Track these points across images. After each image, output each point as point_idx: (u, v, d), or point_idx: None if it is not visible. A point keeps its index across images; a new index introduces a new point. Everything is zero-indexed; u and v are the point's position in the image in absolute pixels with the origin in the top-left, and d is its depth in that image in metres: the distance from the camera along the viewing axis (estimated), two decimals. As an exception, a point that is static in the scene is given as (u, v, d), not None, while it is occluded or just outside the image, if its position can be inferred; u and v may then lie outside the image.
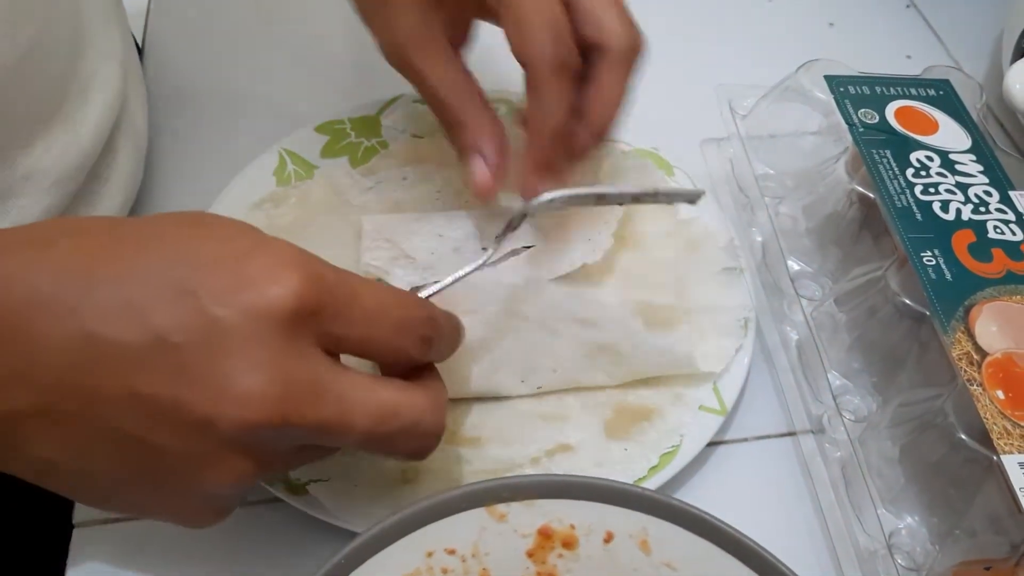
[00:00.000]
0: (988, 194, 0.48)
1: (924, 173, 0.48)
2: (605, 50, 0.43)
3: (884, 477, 0.42)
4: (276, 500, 0.42)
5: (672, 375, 0.47)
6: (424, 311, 0.36)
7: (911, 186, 0.48)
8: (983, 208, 0.47)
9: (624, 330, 0.46)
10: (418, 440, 0.36)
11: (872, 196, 0.48)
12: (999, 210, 0.47)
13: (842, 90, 0.52)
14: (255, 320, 0.31)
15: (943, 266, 0.44)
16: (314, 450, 0.36)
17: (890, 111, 0.51)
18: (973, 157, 0.50)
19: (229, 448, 0.32)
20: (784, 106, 0.54)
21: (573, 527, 0.38)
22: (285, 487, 0.42)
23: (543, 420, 0.45)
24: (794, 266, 0.50)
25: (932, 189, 0.48)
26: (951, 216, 0.47)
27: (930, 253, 0.45)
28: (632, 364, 0.46)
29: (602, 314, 0.47)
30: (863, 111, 0.51)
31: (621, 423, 0.45)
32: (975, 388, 0.40)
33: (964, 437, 0.39)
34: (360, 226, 0.50)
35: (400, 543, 0.36)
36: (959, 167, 0.49)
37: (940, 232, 0.46)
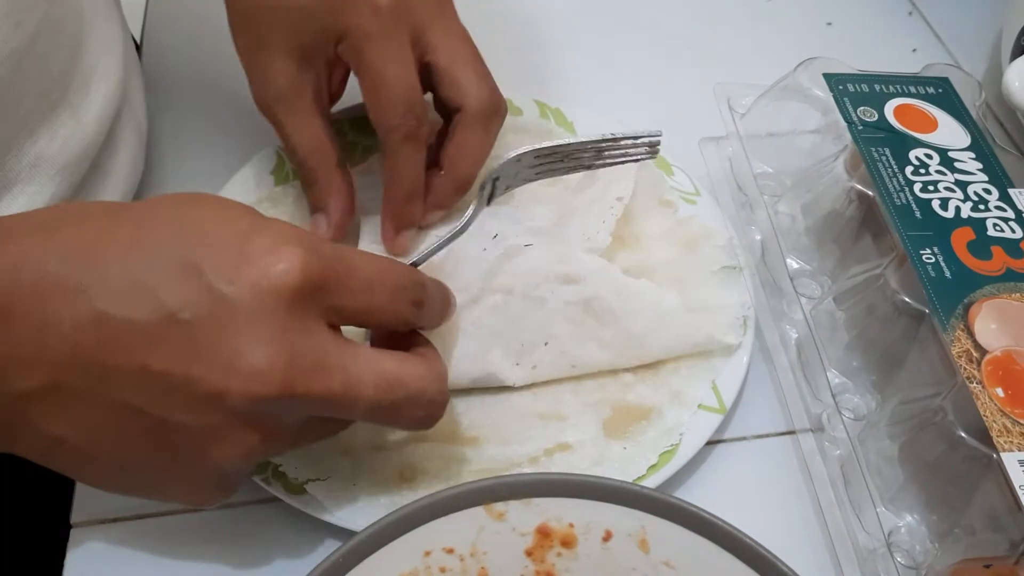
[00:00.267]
0: (987, 192, 0.48)
1: (923, 171, 0.48)
2: (463, 111, 0.46)
3: (883, 475, 0.42)
4: (274, 499, 0.42)
5: (664, 344, 0.47)
6: (413, 276, 0.38)
7: (910, 184, 0.48)
8: (982, 206, 0.47)
9: (607, 281, 0.47)
10: (424, 408, 0.37)
11: (871, 194, 0.47)
12: (998, 208, 0.47)
13: (841, 88, 0.52)
14: (261, 296, 0.32)
15: (942, 264, 0.44)
16: (320, 426, 0.38)
17: (889, 109, 0.51)
18: (972, 155, 0.49)
19: (238, 422, 0.33)
20: (783, 104, 0.54)
21: (572, 526, 0.38)
22: (283, 486, 0.42)
23: (541, 419, 0.45)
24: (793, 264, 0.50)
25: (931, 187, 0.48)
26: (950, 214, 0.46)
27: (929, 251, 0.45)
28: (620, 323, 0.46)
29: (582, 267, 0.47)
30: (862, 109, 0.51)
31: (620, 422, 0.45)
32: (974, 386, 0.40)
33: (964, 435, 0.39)
34: (359, 225, 0.50)
35: (398, 542, 0.36)
36: (958, 165, 0.49)
37: (939, 230, 0.46)
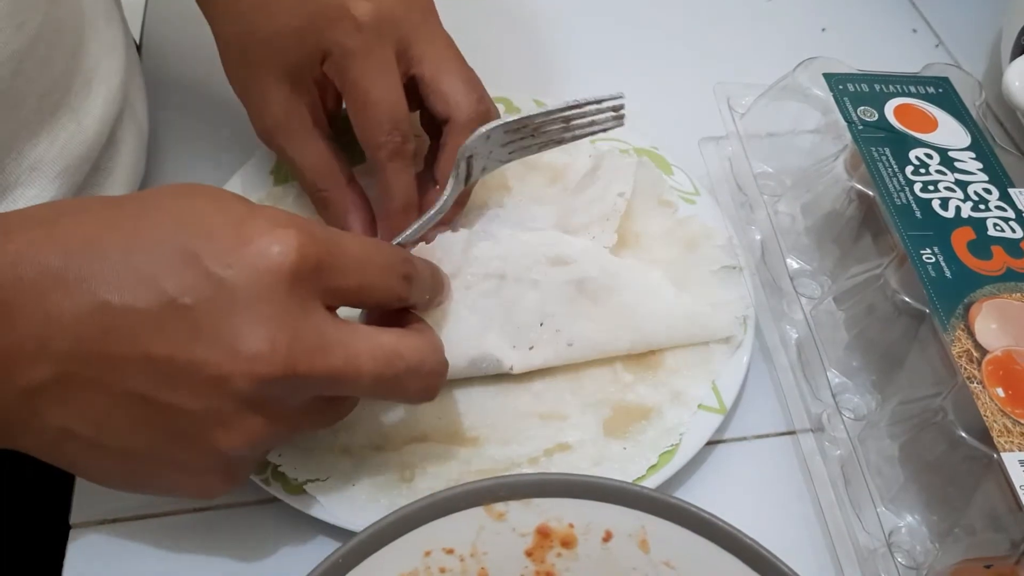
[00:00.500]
0: (988, 192, 0.48)
1: (923, 171, 0.48)
2: (451, 122, 0.47)
3: (884, 475, 0.42)
4: (274, 500, 0.42)
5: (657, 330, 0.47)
6: (400, 253, 0.40)
7: (910, 184, 0.48)
8: (983, 206, 0.47)
9: (596, 261, 0.47)
10: (424, 379, 0.38)
11: (871, 194, 0.47)
12: (999, 207, 0.47)
13: (841, 88, 0.52)
14: (259, 278, 0.33)
15: (942, 264, 0.44)
16: (323, 408, 0.38)
17: (889, 109, 0.51)
18: (972, 155, 0.49)
19: (242, 405, 0.34)
20: (783, 104, 0.53)
21: (572, 526, 0.37)
22: (283, 487, 0.42)
23: (541, 419, 0.45)
24: (793, 264, 0.50)
25: (931, 187, 0.47)
26: (950, 214, 0.46)
27: (929, 251, 0.45)
28: (612, 298, 0.47)
29: (570, 248, 0.47)
30: (862, 109, 0.51)
31: (620, 422, 0.45)
32: (975, 386, 0.40)
33: (964, 435, 0.39)
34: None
35: (398, 542, 0.36)
36: (958, 165, 0.49)
37: (939, 230, 0.46)
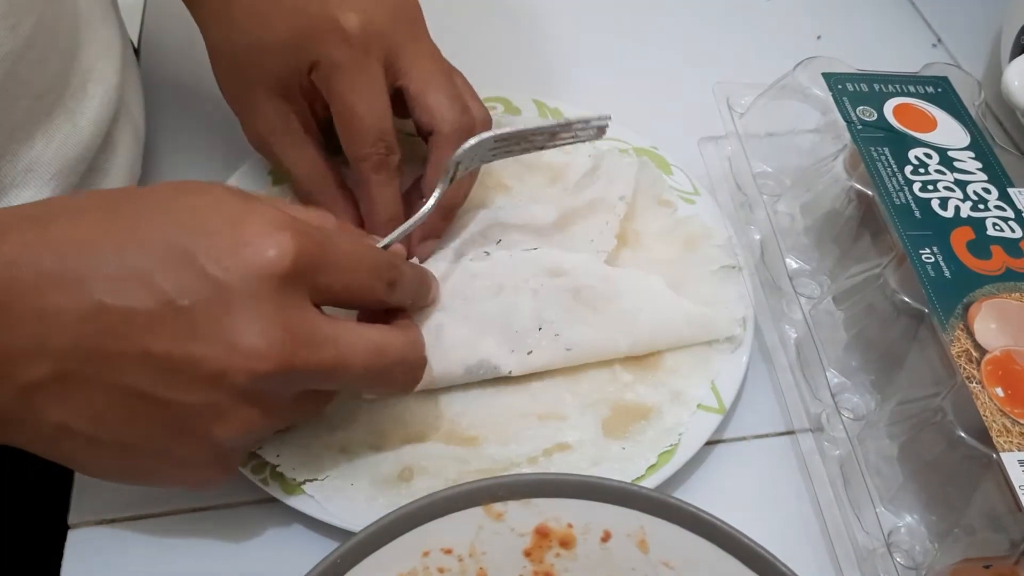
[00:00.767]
0: (987, 191, 0.48)
1: (923, 170, 0.48)
2: (435, 134, 0.48)
3: (883, 475, 0.42)
4: (272, 500, 0.42)
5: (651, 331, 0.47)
6: (388, 258, 0.41)
7: (909, 183, 0.47)
8: (982, 205, 0.47)
9: (593, 271, 0.48)
10: (406, 373, 0.41)
11: (870, 193, 0.47)
12: (998, 207, 0.47)
13: (840, 87, 0.52)
14: (256, 280, 0.34)
15: (942, 263, 0.44)
16: (312, 398, 0.39)
17: (888, 108, 0.51)
18: (972, 154, 0.49)
19: (238, 398, 0.35)
20: (782, 104, 0.53)
21: (570, 526, 0.37)
22: (281, 487, 0.42)
23: (540, 419, 0.45)
24: (792, 264, 0.50)
25: (931, 186, 0.47)
26: (950, 213, 0.46)
27: (929, 250, 0.45)
28: (611, 305, 0.47)
29: (567, 261, 0.48)
30: (861, 108, 0.51)
31: (619, 422, 0.45)
32: (974, 386, 0.40)
33: (963, 435, 0.39)
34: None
35: (396, 542, 0.36)
36: (958, 164, 0.49)
37: (939, 229, 0.46)
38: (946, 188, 0.47)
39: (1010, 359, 0.41)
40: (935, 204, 0.47)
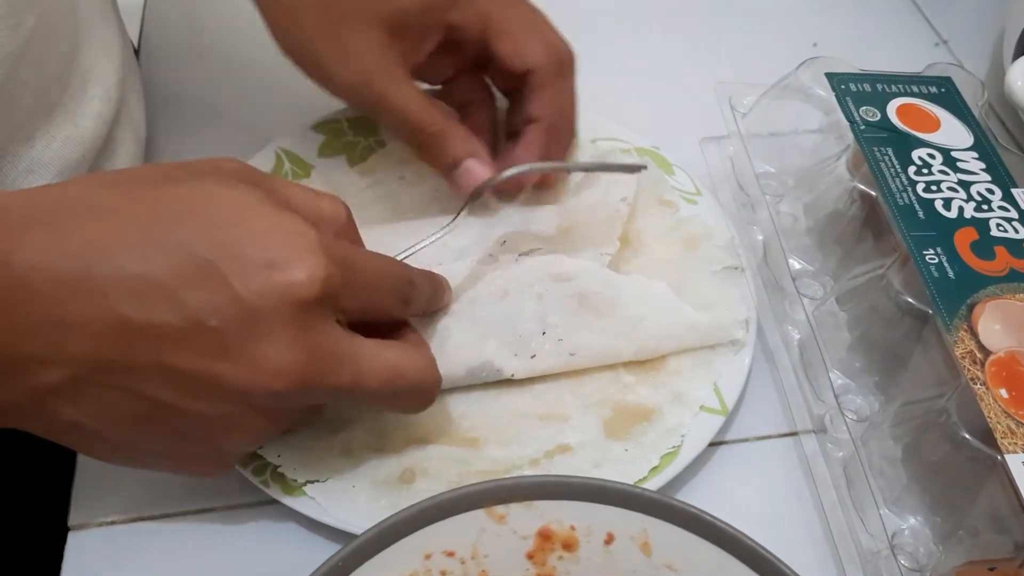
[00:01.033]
0: (990, 192, 0.47)
1: (926, 171, 0.48)
2: (533, 72, 0.48)
3: (887, 477, 0.42)
4: (273, 501, 0.42)
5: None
6: (406, 275, 0.41)
7: (913, 184, 0.47)
8: (985, 206, 0.47)
9: (597, 277, 0.48)
10: (419, 396, 0.40)
11: (874, 194, 0.47)
12: (1002, 208, 0.47)
13: (843, 87, 0.52)
14: (283, 304, 0.34)
15: (945, 264, 0.44)
16: (315, 408, 0.41)
17: (891, 109, 0.51)
18: (975, 155, 0.49)
19: (253, 411, 0.36)
20: (785, 104, 0.53)
21: (573, 528, 0.37)
22: (283, 488, 0.42)
23: (542, 421, 0.45)
24: (795, 265, 0.50)
25: (934, 187, 0.47)
26: (953, 214, 0.46)
27: (932, 251, 0.44)
28: (616, 311, 0.47)
29: (572, 267, 0.48)
30: (864, 109, 0.51)
31: (621, 423, 0.45)
32: (978, 387, 0.40)
33: (967, 436, 0.39)
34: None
35: (398, 545, 0.36)
36: (961, 165, 0.49)
37: (942, 230, 0.45)
38: (949, 189, 0.47)
39: (1014, 360, 0.41)
40: (939, 205, 0.47)
